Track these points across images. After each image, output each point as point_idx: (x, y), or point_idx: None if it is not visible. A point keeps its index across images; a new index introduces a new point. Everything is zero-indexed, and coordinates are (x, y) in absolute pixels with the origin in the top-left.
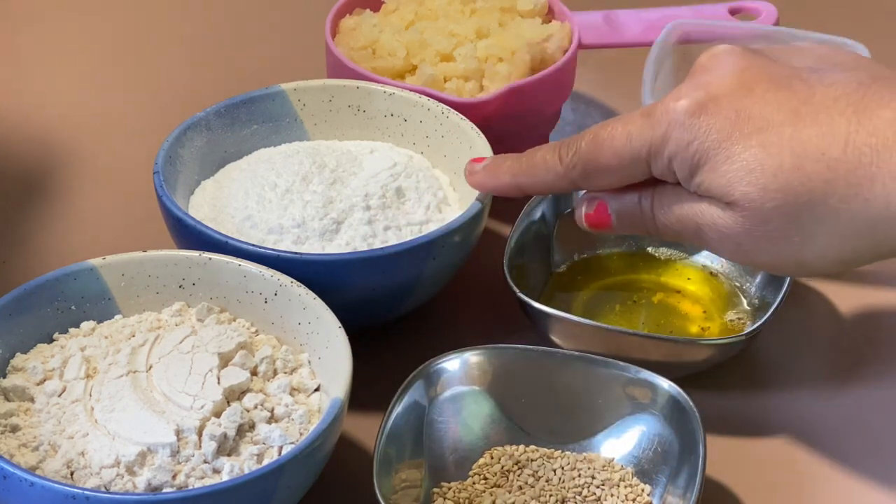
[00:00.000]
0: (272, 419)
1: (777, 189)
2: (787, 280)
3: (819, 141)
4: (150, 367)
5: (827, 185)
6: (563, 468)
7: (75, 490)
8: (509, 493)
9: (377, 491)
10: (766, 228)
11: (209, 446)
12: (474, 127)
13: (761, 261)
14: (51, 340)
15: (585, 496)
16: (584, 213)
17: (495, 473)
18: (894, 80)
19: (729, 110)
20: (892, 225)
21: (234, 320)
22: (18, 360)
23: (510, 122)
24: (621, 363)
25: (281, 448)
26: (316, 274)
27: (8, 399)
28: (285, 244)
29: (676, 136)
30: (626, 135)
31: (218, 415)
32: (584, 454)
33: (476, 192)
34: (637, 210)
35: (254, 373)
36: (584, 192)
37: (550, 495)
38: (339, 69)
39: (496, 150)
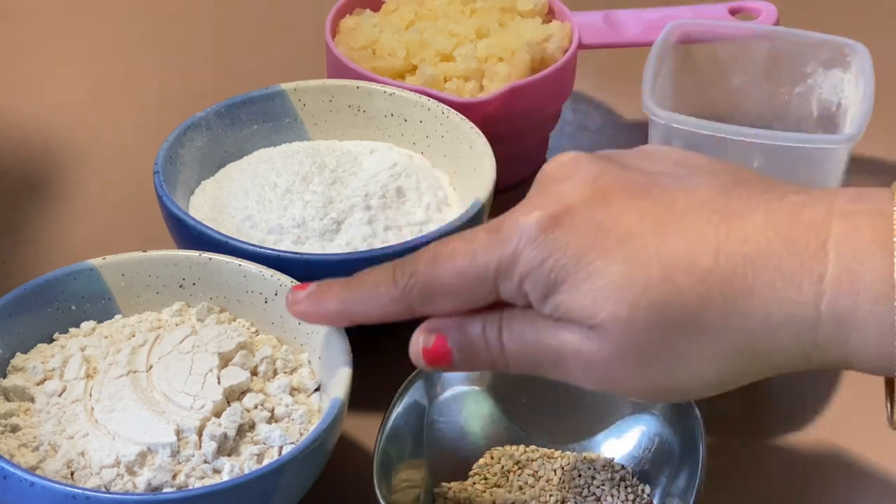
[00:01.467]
0: (272, 419)
1: (647, 307)
2: None
3: (687, 251)
4: (150, 367)
5: (701, 299)
6: (563, 468)
7: (75, 490)
8: (509, 493)
9: (377, 491)
10: (635, 352)
11: (209, 446)
12: (474, 127)
13: (633, 388)
14: (51, 340)
15: (586, 496)
16: (422, 349)
17: (495, 473)
18: (757, 184)
19: (586, 222)
20: (772, 339)
21: (234, 320)
22: (18, 360)
23: (510, 122)
24: None
25: (281, 448)
26: (316, 274)
27: (8, 399)
28: (285, 244)
29: (529, 254)
30: (470, 253)
31: (218, 415)
32: (585, 454)
33: (476, 193)
34: (481, 342)
35: (254, 373)
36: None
37: (550, 495)
38: (339, 69)
39: (496, 150)
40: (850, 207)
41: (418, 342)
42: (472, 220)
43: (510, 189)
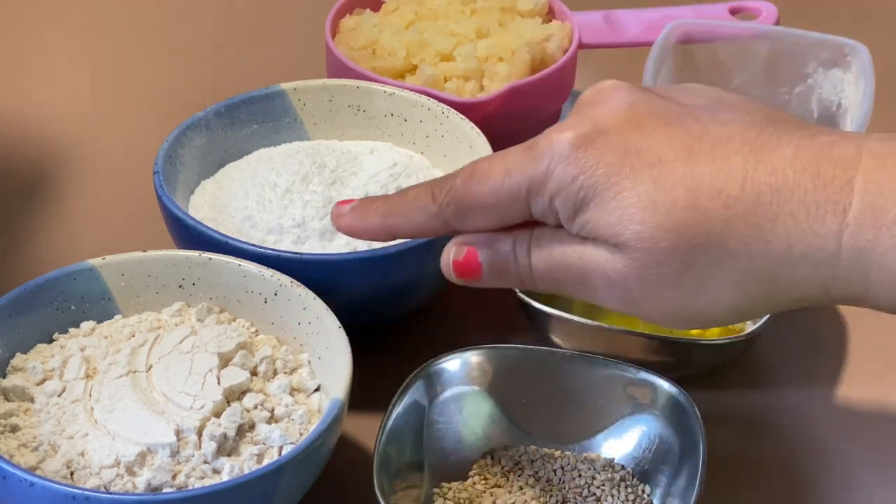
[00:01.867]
0: (272, 419)
1: (671, 228)
2: None
3: (714, 178)
4: (150, 367)
5: (725, 224)
6: (563, 468)
7: (75, 490)
8: (510, 493)
9: (377, 491)
10: (658, 272)
11: (209, 446)
12: (474, 127)
13: (651, 309)
14: (51, 340)
15: (586, 496)
16: (452, 261)
17: (495, 474)
18: (790, 122)
19: (618, 145)
20: (793, 270)
21: (234, 320)
22: (18, 360)
23: (510, 122)
24: (621, 363)
25: (281, 448)
26: (316, 274)
27: (8, 399)
28: (285, 244)
29: (560, 171)
30: (504, 170)
31: (218, 415)
32: (585, 454)
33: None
34: (510, 258)
35: (254, 373)
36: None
37: (551, 496)
38: (339, 69)
39: (496, 150)
40: (880, 147)
41: (449, 255)
42: None
43: None
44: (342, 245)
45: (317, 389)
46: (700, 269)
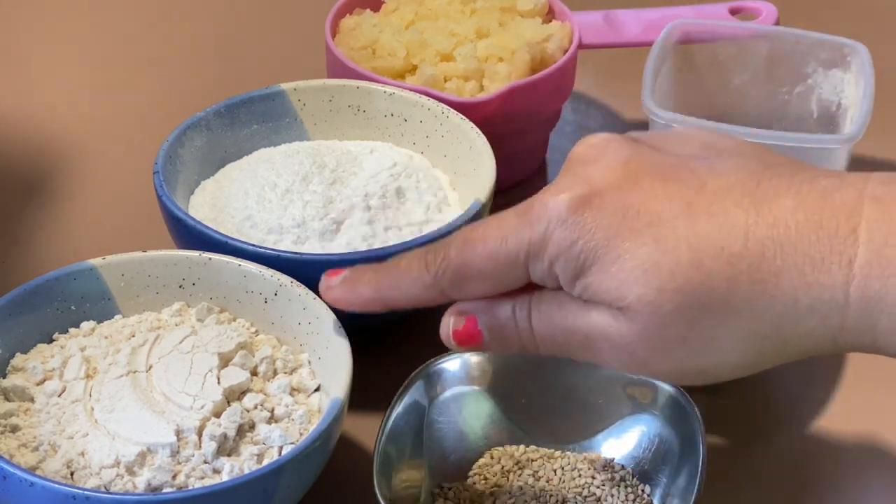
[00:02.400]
0: (272, 419)
1: (675, 289)
2: None
3: (717, 235)
4: (150, 367)
5: (729, 283)
6: (563, 468)
7: (75, 490)
8: (510, 493)
9: (377, 491)
10: (662, 334)
11: (209, 446)
12: (474, 127)
13: (659, 370)
14: (51, 340)
15: (586, 496)
16: (452, 331)
17: (496, 474)
18: (787, 167)
19: (616, 205)
20: (799, 323)
21: (234, 320)
22: (18, 360)
23: (510, 122)
24: None
25: (281, 448)
26: (316, 274)
27: (8, 399)
28: (285, 244)
29: (559, 236)
30: (501, 236)
31: (218, 415)
32: (585, 454)
33: (476, 193)
34: (511, 324)
35: (254, 373)
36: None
37: (551, 495)
38: (339, 69)
39: (496, 150)
40: (882, 191)
41: (448, 324)
42: (472, 220)
43: (510, 189)
44: (342, 245)
45: (317, 389)
46: (705, 329)
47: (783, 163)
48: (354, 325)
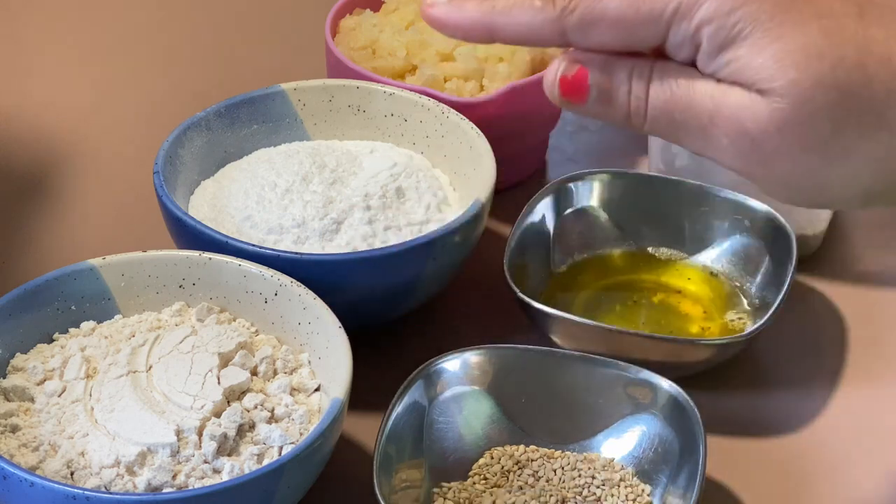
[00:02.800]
0: (272, 419)
1: (832, 85)
2: (788, 280)
3: (886, 44)
4: (150, 367)
5: (889, 94)
6: (563, 468)
7: (75, 490)
8: (509, 493)
9: (377, 491)
10: (803, 130)
11: (209, 446)
12: (474, 127)
13: (780, 172)
14: (51, 340)
15: (586, 496)
16: (560, 77)
17: (495, 473)
18: None
19: None
20: None
21: (234, 320)
22: (18, 360)
23: (510, 122)
24: (621, 363)
25: (281, 448)
26: (316, 274)
27: (8, 399)
28: (285, 244)
29: None
30: None
31: (218, 415)
32: (585, 454)
33: (476, 193)
34: (625, 87)
35: (254, 373)
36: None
37: (551, 495)
38: (339, 69)
39: (496, 150)
40: None
41: (557, 69)
42: (472, 220)
43: (510, 189)
44: (342, 245)
45: (317, 389)
46: (849, 137)
47: None
48: (354, 325)
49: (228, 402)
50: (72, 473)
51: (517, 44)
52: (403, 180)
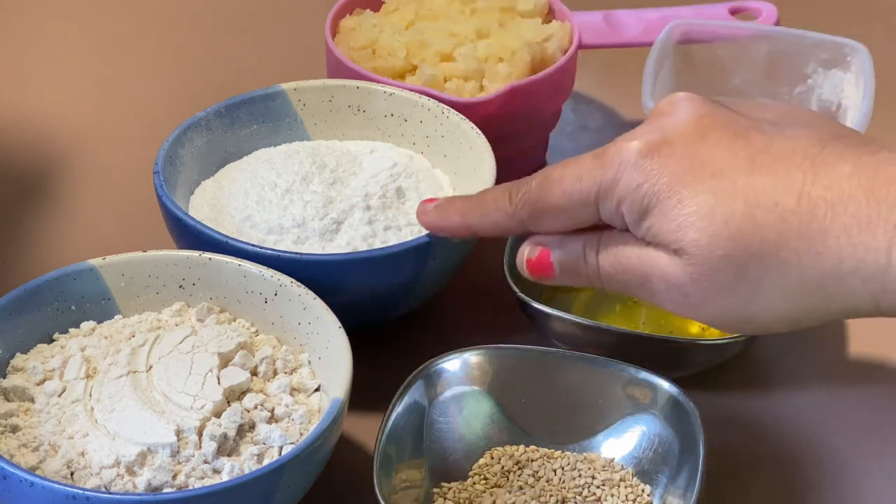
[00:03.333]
0: (272, 419)
1: (727, 237)
2: None
3: (773, 191)
4: (150, 368)
5: (779, 236)
6: (563, 468)
7: (75, 490)
8: (509, 493)
9: (377, 491)
10: (713, 279)
11: (209, 446)
12: (474, 127)
13: (709, 314)
14: (51, 340)
15: (586, 496)
16: (526, 260)
17: (495, 473)
18: (856, 139)
19: (682, 154)
20: (843, 282)
21: (234, 320)
22: (18, 360)
23: (510, 122)
24: (621, 363)
25: (281, 448)
26: (316, 274)
27: (8, 399)
28: (285, 244)
29: (627, 178)
30: (576, 175)
31: (218, 415)
32: (585, 454)
33: (476, 192)
34: (580, 259)
35: (254, 373)
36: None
37: (551, 495)
38: (339, 69)
39: (496, 150)
40: None
41: (524, 253)
42: None
43: None
44: (342, 245)
45: (317, 389)
46: (753, 278)
47: (853, 136)
48: (354, 325)
49: (228, 402)
50: (72, 473)
51: (491, 235)
52: (403, 180)
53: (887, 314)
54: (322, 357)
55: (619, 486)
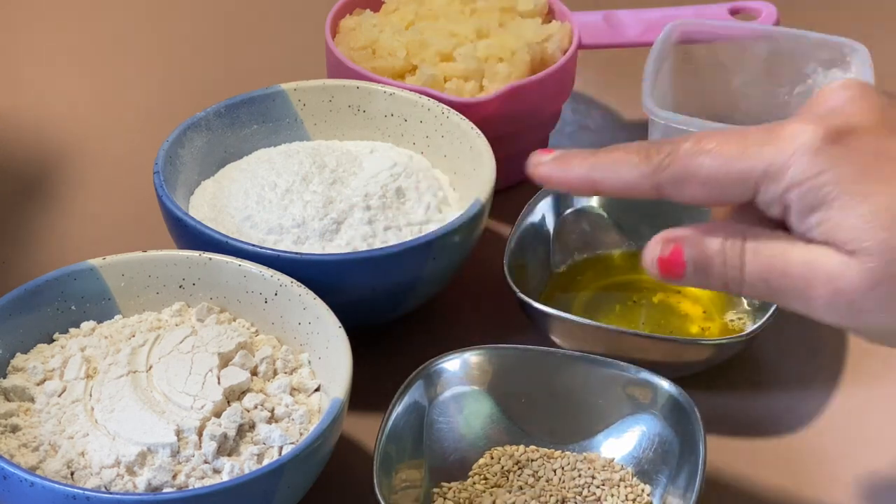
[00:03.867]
0: (272, 419)
1: None
2: None
3: None
4: (150, 368)
5: None
6: (563, 468)
7: (75, 490)
8: (509, 493)
9: (377, 491)
10: (894, 286)
11: (209, 446)
12: (474, 127)
13: (877, 324)
14: (51, 340)
15: (585, 496)
16: (658, 258)
17: (495, 473)
18: None
19: (870, 146)
20: None
21: (234, 320)
22: (18, 360)
23: (510, 122)
24: (621, 363)
25: (281, 448)
26: (316, 274)
27: (8, 399)
28: (285, 244)
29: (805, 163)
30: (741, 149)
31: (218, 415)
32: (584, 454)
33: (476, 193)
34: (720, 258)
35: (254, 373)
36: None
37: (550, 495)
38: (339, 69)
39: (496, 150)
40: None
41: (655, 250)
42: (472, 220)
43: (510, 189)
44: (342, 245)
45: (317, 389)
46: None
47: None
48: (354, 325)
49: (228, 402)
50: (72, 473)
51: (618, 195)
52: (403, 180)
53: None
54: (322, 357)
55: (618, 486)
